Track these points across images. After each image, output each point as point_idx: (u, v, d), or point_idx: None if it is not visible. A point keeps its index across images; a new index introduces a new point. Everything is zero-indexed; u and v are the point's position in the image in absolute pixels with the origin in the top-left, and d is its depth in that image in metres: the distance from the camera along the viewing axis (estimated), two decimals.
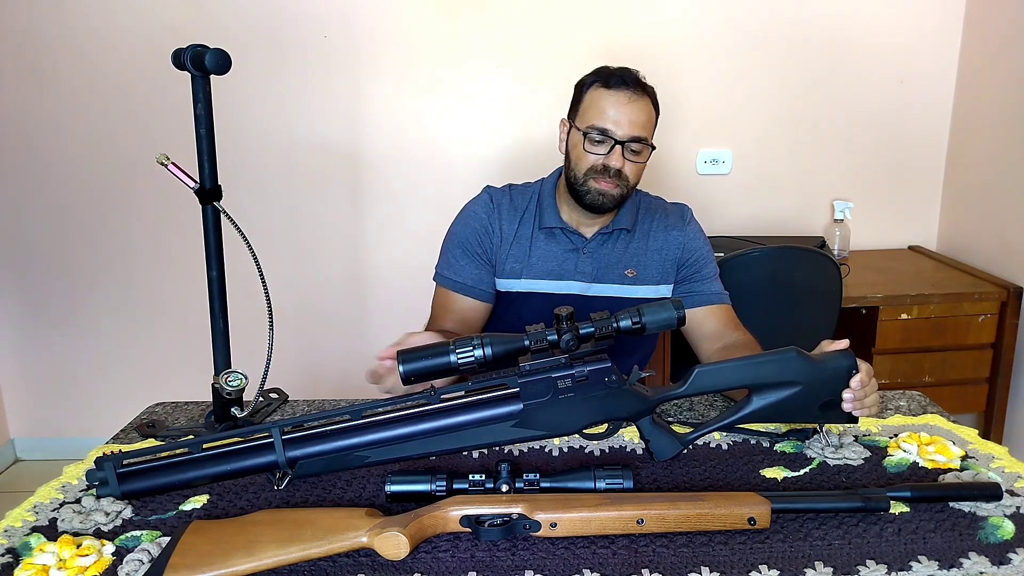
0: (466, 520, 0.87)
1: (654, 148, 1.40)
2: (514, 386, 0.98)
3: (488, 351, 0.94)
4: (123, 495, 0.97)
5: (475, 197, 1.50)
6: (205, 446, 0.98)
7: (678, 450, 1.03)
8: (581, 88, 1.41)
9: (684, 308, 0.99)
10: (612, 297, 1.45)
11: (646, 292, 1.47)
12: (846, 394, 1.03)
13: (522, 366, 0.98)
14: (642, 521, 0.87)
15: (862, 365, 1.04)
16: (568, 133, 1.43)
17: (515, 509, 0.87)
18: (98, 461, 0.97)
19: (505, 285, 1.47)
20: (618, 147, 1.34)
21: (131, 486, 0.97)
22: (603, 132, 1.34)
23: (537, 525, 0.87)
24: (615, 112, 1.34)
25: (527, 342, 0.96)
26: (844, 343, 1.07)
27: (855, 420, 1.05)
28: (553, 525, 0.87)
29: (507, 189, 1.51)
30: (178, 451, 0.99)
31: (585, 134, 1.36)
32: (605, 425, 1.02)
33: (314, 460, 0.97)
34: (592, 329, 0.97)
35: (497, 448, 1.11)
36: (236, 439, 1.00)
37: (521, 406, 0.98)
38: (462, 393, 1.00)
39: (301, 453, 0.97)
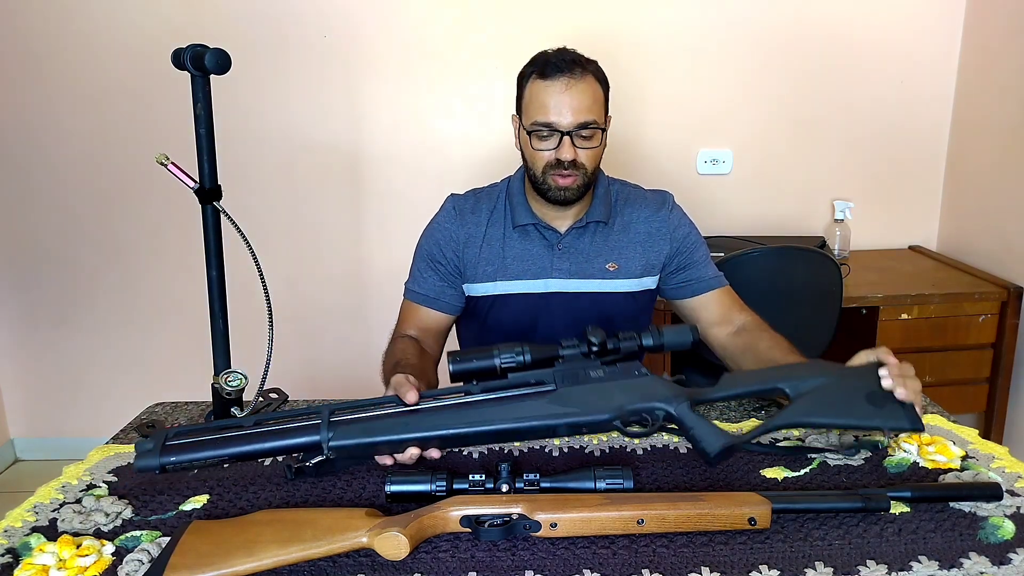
0: (466, 520, 0.87)
1: (606, 127, 1.35)
2: (549, 379, 1.02)
3: (527, 357, 1.03)
4: (161, 466, 0.94)
5: (440, 208, 1.48)
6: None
7: (727, 441, 0.96)
8: (522, 81, 1.36)
9: (695, 331, 1.08)
10: (594, 293, 1.41)
11: (629, 286, 1.43)
12: (882, 371, 1.02)
13: (556, 365, 1.04)
14: (642, 521, 0.87)
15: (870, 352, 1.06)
16: (519, 131, 1.39)
17: (515, 509, 0.87)
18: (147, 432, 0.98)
19: (480, 290, 1.43)
20: (566, 138, 1.29)
21: (170, 457, 0.95)
22: (548, 126, 1.30)
23: (537, 525, 0.87)
24: (555, 102, 1.29)
25: (562, 352, 1.05)
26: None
27: (920, 427, 1.01)
28: (553, 525, 0.87)
29: (471, 193, 1.48)
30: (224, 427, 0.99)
31: (531, 132, 1.32)
32: (646, 425, 1.01)
33: (352, 427, 0.97)
34: (619, 345, 1.04)
35: (498, 448, 1.11)
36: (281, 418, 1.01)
37: (555, 387, 1.02)
38: (500, 385, 1.04)
39: (342, 432, 0.97)
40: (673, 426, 1.01)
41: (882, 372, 1.02)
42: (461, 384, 1.03)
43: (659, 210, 1.45)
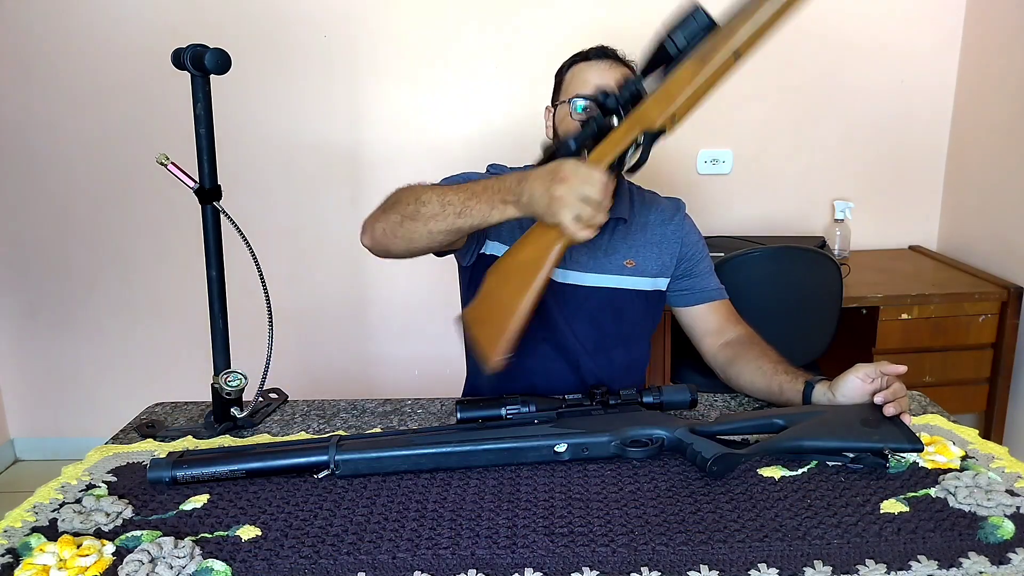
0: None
1: None
2: (552, 419, 1.11)
3: (532, 408, 1.12)
4: (172, 477, 1.01)
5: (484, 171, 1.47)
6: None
7: (726, 449, 1.01)
8: (561, 72, 1.44)
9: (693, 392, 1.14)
10: (610, 288, 1.42)
11: (644, 284, 1.44)
12: (877, 397, 1.08)
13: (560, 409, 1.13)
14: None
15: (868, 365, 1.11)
16: (553, 116, 1.43)
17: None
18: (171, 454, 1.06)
19: (501, 251, 1.38)
20: None
21: (181, 469, 1.02)
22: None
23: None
24: (599, 78, 1.35)
25: (564, 406, 1.13)
26: None
27: (920, 446, 1.03)
28: None
29: (499, 170, 1.45)
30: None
31: (571, 102, 1.37)
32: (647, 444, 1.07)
33: (358, 443, 1.06)
34: (619, 401, 1.13)
35: None
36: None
37: (556, 416, 1.11)
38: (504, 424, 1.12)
39: (349, 448, 1.04)
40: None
41: (878, 399, 1.09)
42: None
43: (674, 216, 1.48)
